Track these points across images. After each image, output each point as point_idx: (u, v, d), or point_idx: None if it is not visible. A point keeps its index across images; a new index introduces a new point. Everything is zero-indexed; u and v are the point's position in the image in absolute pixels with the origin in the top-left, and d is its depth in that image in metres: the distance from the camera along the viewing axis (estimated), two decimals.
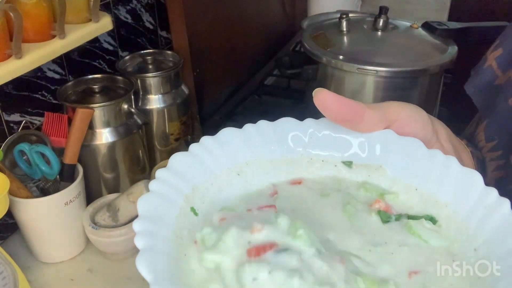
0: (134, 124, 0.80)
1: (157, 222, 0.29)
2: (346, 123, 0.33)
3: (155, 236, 0.28)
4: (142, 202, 0.29)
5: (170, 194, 0.31)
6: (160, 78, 0.86)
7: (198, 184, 0.33)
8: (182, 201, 0.32)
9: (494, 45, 0.50)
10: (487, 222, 0.30)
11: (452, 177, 0.32)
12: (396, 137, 0.34)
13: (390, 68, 0.83)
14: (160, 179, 0.31)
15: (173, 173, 0.32)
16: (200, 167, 0.34)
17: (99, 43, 0.87)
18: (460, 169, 0.32)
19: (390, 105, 0.34)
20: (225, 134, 0.35)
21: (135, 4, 0.93)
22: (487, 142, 0.47)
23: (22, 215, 0.69)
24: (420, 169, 0.33)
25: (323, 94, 0.32)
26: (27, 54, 0.63)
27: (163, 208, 0.30)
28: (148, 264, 0.26)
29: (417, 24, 0.95)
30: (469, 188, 0.31)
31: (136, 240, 0.27)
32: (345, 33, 0.94)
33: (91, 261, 0.74)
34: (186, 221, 0.31)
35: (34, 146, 0.67)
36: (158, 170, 0.32)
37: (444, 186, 0.32)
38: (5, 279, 0.59)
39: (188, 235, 0.31)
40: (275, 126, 0.36)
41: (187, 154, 0.33)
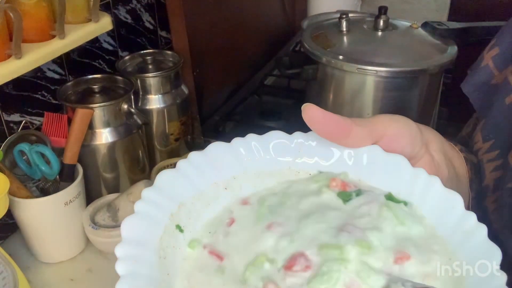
0: (134, 124, 0.80)
1: (139, 246, 0.29)
2: (333, 138, 0.34)
3: (137, 260, 0.28)
4: (126, 225, 0.29)
5: (155, 214, 0.31)
6: (160, 78, 0.86)
7: (185, 201, 0.33)
8: (168, 219, 0.32)
9: (491, 44, 0.51)
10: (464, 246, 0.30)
11: (433, 197, 0.32)
12: (381, 153, 0.34)
13: (390, 68, 0.83)
14: (145, 199, 0.31)
15: (159, 192, 0.32)
16: (187, 183, 0.34)
17: (99, 43, 0.87)
18: (442, 189, 0.32)
19: (378, 121, 0.35)
20: (213, 149, 0.35)
21: (135, 4, 0.93)
22: (484, 142, 0.47)
23: (22, 215, 0.69)
24: (403, 186, 0.34)
25: (311, 110, 0.32)
26: (27, 54, 0.63)
27: (147, 230, 0.30)
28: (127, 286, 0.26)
29: (417, 24, 0.95)
30: (449, 209, 0.31)
31: (117, 266, 0.27)
32: (345, 33, 0.94)
33: (91, 261, 0.74)
34: (170, 239, 0.31)
35: (34, 146, 0.67)
36: (144, 190, 0.32)
37: (425, 204, 0.33)
38: (5, 279, 0.59)
39: (172, 253, 0.31)
40: (263, 139, 0.36)
41: (174, 171, 0.33)
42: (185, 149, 0.94)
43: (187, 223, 0.33)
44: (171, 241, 0.31)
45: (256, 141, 0.36)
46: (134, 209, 0.31)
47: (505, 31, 0.49)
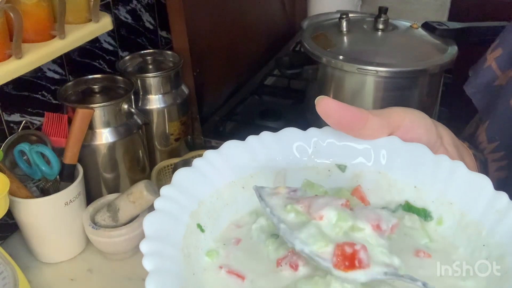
0: (134, 124, 0.80)
1: (164, 242, 0.28)
2: (348, 130, 0.33)
3: (163, 256, 0.28)
4: (149, 221, 0.29)
5: (176, 212, 0.31)
6: (160, 78, 0.86)
7: (204, 199, 0.33)
8: (188, 217, 0.31)
9: (494, 45, 0.50)
10: (499, 226, 0.29)
11: (459, 181, 0.31)
12: (401, 143, 0.33)
13: (390, 68, 0.83)
14: (165, 196, 0.31)
15: (178, 190, 0.31)
16: (204, 182, 0.33)
17: (99, 43, 0.87)
18: (468, 173, 0.31)
19: (393, 111, 0.34)
20: (229, 147, 0.35)
21: (135, 4, 0.93)
22: (489, 143, 0.47)
23: (22, 215, 0.69)
24: (427, 174, 0.33)
25: (326, 102, 0.31)
26: (27, 54, 0.63)
27: (169, 227, 0.30)
28: (158, 286, 0.25)
29: (417, 24, 0.95)
30: (478, 191, 0.30)
31: (145, 262, 0.26)
32: (345, 33, 0.94)
33: (91, 261, 0.74)
34: (192, 238, 0.31)
35: (34, 146, 0.67)
36: (163, 187, 0.31)
37: (450, 189, 0.32)
38: (5, 279, 0.59)
39: (194, 253, 0.30)
40: (278, 136, 0.35)
41: (191, 169, 0.33)
42: (185, 149, 0.94)
43: (208, 222, 0.33)
44: (193, 241, 0.31)
45: (271, 139, 0.35)
46: (155, 206, 0.30)
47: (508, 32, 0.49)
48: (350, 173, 0.35)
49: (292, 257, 0.29)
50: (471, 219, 0.31)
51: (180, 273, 0.28)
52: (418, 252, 0.31)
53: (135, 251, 0.74)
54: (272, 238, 0.31)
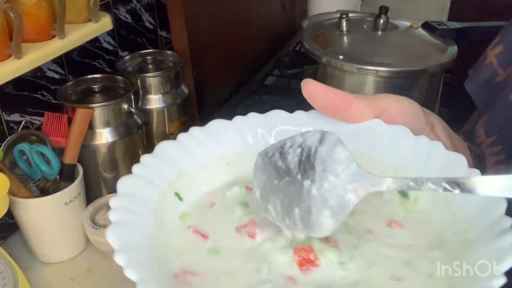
0: (134, 124, 0.80)
1: (136, 201, 0.29)
2: (333, 113, 0.33)
3: (131, 212, 0.28)
4: (123, 182, 0.29)
5: (153, 178, 0.31)
6: (160, 78, 0.86)
7: (185, 171, 0.33)
8: (166, 185, 0.32)
9: (494, 42, 0.50)
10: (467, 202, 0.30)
11: (436, 160, 0.32)
12: (384, 126, 0.34)
13: (390, 68, 0.83)
14: (144, 163, 0.31)
15: (158, 159, 0.32)
16: (188, 155, 0.34)
17: (99, 43, 0.86)
18: (445, 152, 0.32)
19: (381, 96, 0.34)
20: (215, 125, 0.35)
21: (135, 4, 0.93)
22: (487, 137, 0.47)
23: (22, 215, 0.69)
24: (406, 155, 0.33)
25: (310, 85, 0.32)
26: (27, 54, 0.63)
27: (144, 190, 0.30)
28: (118, 235, 0.26)
29: (417, 24, 0.95)
30: (453, 170, 0.31)
31: (110, 214, 0.27)
32: (345, 33, 0.94)
33: (91, 261, 0.74)
34: (168, 205, 0.32)
35: (34, 146, 0.67)
36: (143, 155, 0.32)
37: (427, 168, 0.32)
38: (5, 279, 0.58)
39: (169, 218, 0.31)
40: (266, 118, 0.36)
41: (175, 142, 0.34)
42: None
43: (187, 192, 0.33)
44: (169, 207, 0.31)
45: (258, 119, 0.36)
46: (132, 171, 0.30)
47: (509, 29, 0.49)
48: None
49: (250, 227, 0.31)
50: (442, 196, 0.31)
51: (148, 231, 0.29)
52: (391, 222, 0.32)
53: None
54: (241, 206, 0.33)
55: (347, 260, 0.29)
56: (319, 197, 0.27)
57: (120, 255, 0.25)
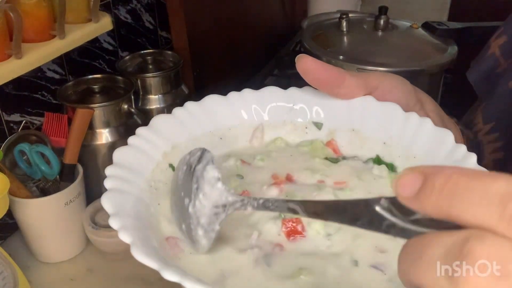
0: (134, 124, 0.80)
1: (130, 171, 0.30)
2: (326, 88, 0.34)
3: (125, 181, 0.29)
4: (118, 152, 0.30)
5: (148, 149, 0.32)
6: (160, 78, 0.86)
7: (179, 143, 0.34)
8: (160, 157, 0.33)
9: (498, 32, 0.50)
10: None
11: (424, 136, 0.33)
12: (375, 103, 0.34)
13: (390, 68, 0.83)
14: (139, 135, 0.32)
15: (153, 132, 0.33)
16: (182, 128, 0.34)
17: (99, 43, 0.86)
18: (433, 128, 0.32)
19: (372, 74, 0.35)
20: (210, 100, 0.36)
21: (135, 4, 0.93)
22: (485, 123, 0.47)
23: (22, 215, 0.69)
24: (395, 130, 0.34)
25: (305, 60, 0.33)
26: (27, 54, 0.63)
27: (139, 160, 0.31)
28: (112, 201, 0.27)
29: (417, 24, 0.95)
30: (440, 145, 0.32)
31: (105, 182, 0.28)
32: (345, 33, 0.94)
33: (91, 261, 0.74)
34: (162, 175, 0.32)
35: (34, 146, 0.67)
36: (139, 128, 0.33)
37: (415, 144, 0.33)
38: (5, 279, 0.58)
39: (164, 187, 0.32)
40: (260, 94, 0.37)
41: (170, 115, 0.34)
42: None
43: None
44: (163, 177, 0.32)
45: (252, 95, 0.36)
46: (128, 142, 0.31)
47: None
48: (326, 130, 0.36)
49: None
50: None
51: (143, 198, 0.29)
52: None
53: None
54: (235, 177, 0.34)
55: (333, 232, 0.30)
56: (193, 215, 0.28)
57: (114, 219, 0.25)
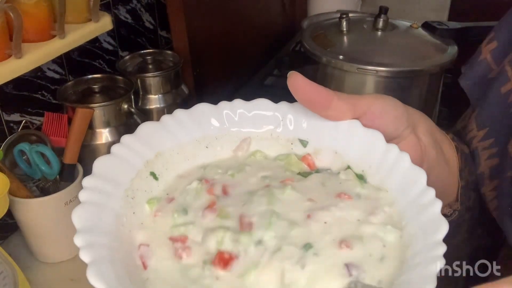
0: (134, 124, 0.80)
1: (108, 181, 0.30)
2: (313, 108, 0.34)
3: (101, 192, 0.29)
4: (98, 162, 0.30)
5: (130, 158, 0.32)
6: (160, 78, 0.86)
7: (163, 151, 0.34)
8: (142, 165, 0.33)
9: (489, 37, 0.50)
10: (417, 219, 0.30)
11: (399, 171, 0.33)
12: (360, 129, 0.35)
13: (390, 68, 0.83)
14: (122, 143, 0.32)
15: (138, 139, 0.33)
16: (168, 136, 0.34)
17: (99, 43, 0.87)
18: (409, 165, 0.32)
19: (363, 97, 0.35)
20: (199, 108, 0.37)
21: (135, 4, 0.93)
22: (479, 130, 0.47)
23: (22, 215, 0.69)
24: (375, 160, 0.34)
25: (295, 77, 0.33)
26: (27, 54, 0.63)
27: (119, 170, 0.31)
28: (80, 215, 0.27)
29: (417, 24, 0.95)
30: (413, 184, 0.32)
31: (80, 194, 0.28)
32: (345, 33, 0.94)
33: None
34: (142, 183, 0.32)
35: (34, 146, 0.67)
36: (124, 136, 0.33)
37: (391, 177, 0.33)
38: (5, 279, 0.58)
39: (142, 196, 0.32)
40: (250, 105, 0.37)
41: (157, 123, 0.34)
42: None
43: (163, 172, 0.34)
44: (143, 185, 0.32)
45: (242, 106, 0.37)
46: (111, 150, 0.31)
47: (503, 25, 0.49)
48: (311, 148, 0.36)
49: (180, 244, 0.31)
50: (397, 209, 0.32)
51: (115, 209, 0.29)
52: (341, 194, 0.33)
53: None
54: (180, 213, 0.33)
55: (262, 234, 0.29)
56: None
57: (79, 236, 0.26)
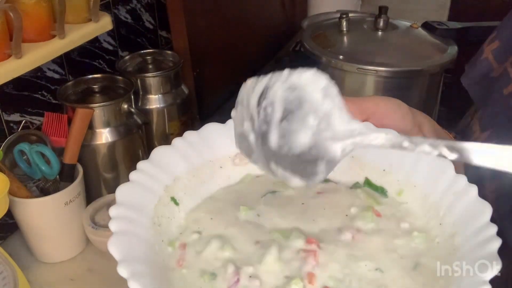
0: (134, 124, 0.80)
1: (134, 209, 0.30)
2: None
3: (131, 221, 0.29)
4: (121, 190, 0.30)
5: (150, 184, 0.32)
6: (160, 78, 0.86)
7: (180, 175, 0.34)
8: (162, 191, 0.33)
9: (491, 37, 0.50)
10: (455, 207, 0.31)
11: (424, 166, 0.33)
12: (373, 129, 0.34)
13: (390, 68, 0.83)
14: (140, 170, 0.32)
15: (154, 165, 0.33)
16: (182, 159, 0.35)
17: (99, 43, 0.86)
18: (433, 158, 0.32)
19: (369, 99, 0.36)
20: (208, 128, 0.36)
21: (135, 4, 0.93)
22: (482, 131, 0.47)
23: (22, 215, 0.69)
24: (394, 158, 0.34)
25: None
26: (27, 54, 0.63)
27: (142, 197, 0.31)
28: (119, 246, 0.27)
29: (417, 24, 0.95)
30: (440, 174, 0.32)
31: (110, 224, 0.28)
32: (345, 33, 0.94)
33: (91, 261, 0.74)
34: (165, 209, 0.33)
35: (34, 146, 0.67)
36: (140, 162, 0.33)
37: (415, 173, 0.33)
38: (5, 279, 0.58)
39: (167, 223, 0.32)
40: None
41: (170, 147, 0.35)
42: None
43: (183, 197, 0.34)
44: (166, 212, 0.32)
45: None
46: (130, 178, 0.32)
47: (505, 25, 0.49)
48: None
49: None
50: (432, 201, 0.32)
51: (149, 239, 0.30)
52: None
53: None
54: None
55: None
56: None
57: (122, 266, 0.26)
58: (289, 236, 0.31)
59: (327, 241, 0.31)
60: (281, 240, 0.31)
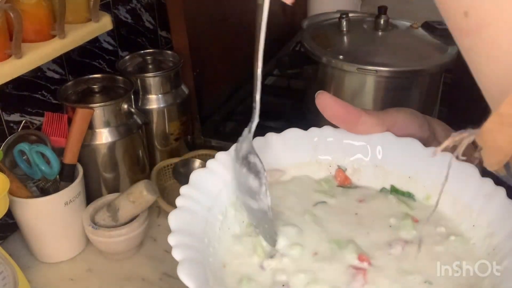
0: (134, 124, 0.80)
1: (189, 235, 0.31)
2: (343, 124, 0.36)
3: (189, 247, 0.30)
4: (173, 217, 0.32)
5: (196, 208, 0.33)
6: (160, 78, 0.86)
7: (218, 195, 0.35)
8: (207, 212, 0.34)
9: None
10: (488, 208, 0.32)
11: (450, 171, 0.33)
12: (394, 139, 0.36)
13: (390, 68, 0.83)
14: (184, 195, 0.34)
15: (195, 189, 0.34)
16: (217, 179, 0.36)
17: (99, 43, 0.86)
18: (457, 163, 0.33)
19: (387, 111, 0.37)
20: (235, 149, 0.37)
21: (135, 4, 0.93)
22: None
23: (22, 215, 0.69)
24: (420, 166, 0.35)
25: (324, 96, 0.35)
26: (27, 54, 0.63)
27: (191, 222, 0.32)
28: (189, 273, 0.28)
29: (417, 24, 0.95)
30: (468, 178, 0.33)
31: (174, 253, 0.29)
32: (345, 33, 0.94)
33: (91, 261, 0.74)
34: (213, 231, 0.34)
35: (34, 146, 0.67)
36: (182, 187, 0.34)
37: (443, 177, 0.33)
38: (5, 279, 0.58)
39: (218, 246, 0.33)
40: (282, 137, 0.38)
41: (205, 169, 0.36)
42: (185, 149, 0.94)
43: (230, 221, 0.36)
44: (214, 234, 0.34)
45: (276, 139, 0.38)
46: (176, 204, 0.33)
47: None
48: (350, 169, 0.38)
49: None
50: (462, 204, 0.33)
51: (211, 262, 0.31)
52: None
53: (135, 251, 0.74)
54: None
55: None
56: None
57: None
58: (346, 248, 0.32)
59: (378, 256, 0.32)
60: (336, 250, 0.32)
